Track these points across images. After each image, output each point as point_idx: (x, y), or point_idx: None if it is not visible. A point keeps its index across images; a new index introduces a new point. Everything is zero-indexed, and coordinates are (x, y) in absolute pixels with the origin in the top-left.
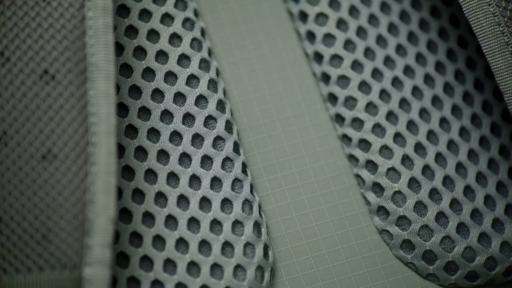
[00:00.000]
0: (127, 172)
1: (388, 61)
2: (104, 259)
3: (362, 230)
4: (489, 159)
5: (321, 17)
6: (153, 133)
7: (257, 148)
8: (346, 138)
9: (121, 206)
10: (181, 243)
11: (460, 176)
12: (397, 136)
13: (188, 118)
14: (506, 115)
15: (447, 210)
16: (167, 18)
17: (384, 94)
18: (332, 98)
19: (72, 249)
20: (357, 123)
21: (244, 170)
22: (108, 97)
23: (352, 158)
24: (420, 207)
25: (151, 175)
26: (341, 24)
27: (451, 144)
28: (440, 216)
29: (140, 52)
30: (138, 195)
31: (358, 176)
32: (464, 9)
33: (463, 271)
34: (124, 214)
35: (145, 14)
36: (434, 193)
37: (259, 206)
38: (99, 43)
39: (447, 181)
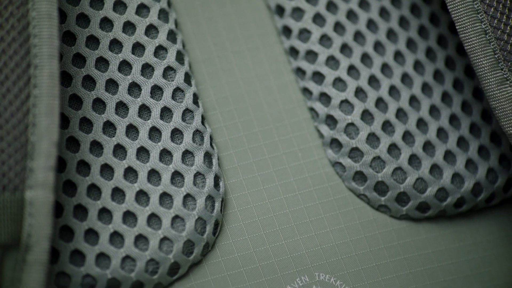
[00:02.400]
0: (74, 101)
1: None
2: (47, 182)
3: (315, 163)
4: (443, 92)
5: None
6: (102, 62)
7: (209, 81)
8: (300, 72)
9: (67, 134)
10: (130, 172)
11: (413, 109)
12: (351, 68)
13: (138, 47)
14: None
15: (399, 142)
16: None
17: (338, 27)
18: (287, 31)
19: (13, 171)
20: (311, 56)
21: (195, 101)
22: (51, 19)
23: (306, 91)
24: (372, 139)
25: (99, 104)
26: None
27: (405, 78)
28: (393, 148)
29: None
30: (86, 124)
31: (312, 109)
32: None
33: (415, 202)
34: (71, 143)
35: None
36: (387, 125)
37: (211, 138)
38: None
39: (401, 113)
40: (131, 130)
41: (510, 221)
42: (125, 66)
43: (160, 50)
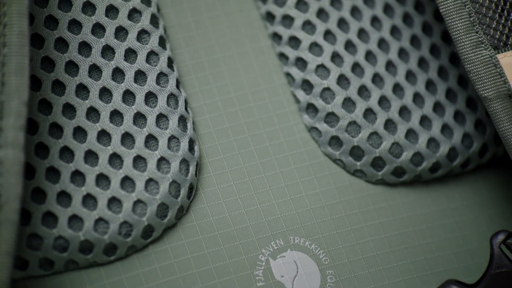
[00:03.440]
0: (46, 63)
1: None
2: (17, 141)
3: (291, 128)
4: (420, 58)
5: None
6: (75, 25)
7: (185, 46)
8: (276, 36)
9: (40, 97)
10: (103, 135)
11: (389, 74)
12: (328, 33)
13: (111, 10)
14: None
15: (375, 106)
16: None
17: None
18: None
19: None
20: (288, 20)
21: (170, 65)
22: None
23: (282, 56)
24: (348, 103)
25: (72, 67)
26: None
27: (382, 43)
28: (369, 113)
29: None
30: (58, 86)
31: (288, 74)
32: None
33: (390, 167)
34: (44, 106)
35: None
36: (363, 90)
37: (186, 102)
38: None
39: (377, 78)
40: (105, 93)
41: (485, 187)
42: (98, 29)
43: (134, 13)
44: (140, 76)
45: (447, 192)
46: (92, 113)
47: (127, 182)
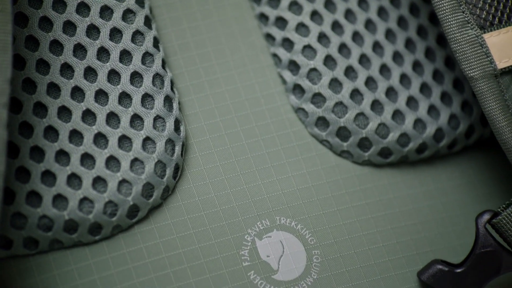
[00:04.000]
0: (30, 42)
1: None
2: (0, 119)
3: (278, 109)
4: (407, 39)
5: None
6: (59, 4)
7: (171, 26)
8: (263, 17)
9: (24, 76)
10: (88, 115)
11: (376, 55)
12: (314, 14)
13: None
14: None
15: (362, 87)
16: None
17: None
18: None
19: None
20: (274, 1)
21: (156, 45)
22: None
23: (269, 37)
24: (335, 84)
25: (56, 46)
26: None
27: (369, 24)
28: (355, 93)
29: None
30: (43, 65)
31: (274, 55)
32: None
33: (377, 148)
34: (28, 85)
35: None
36: (350, 71)
37: (171, 82)
38: None
39: (364, 59)
40: (90, 72)
41: (471, 168)
42: (83, 8)
43: None
44: (125, 55)
45: (434, 173)
46: (77, 93)
47: (112, 161)
